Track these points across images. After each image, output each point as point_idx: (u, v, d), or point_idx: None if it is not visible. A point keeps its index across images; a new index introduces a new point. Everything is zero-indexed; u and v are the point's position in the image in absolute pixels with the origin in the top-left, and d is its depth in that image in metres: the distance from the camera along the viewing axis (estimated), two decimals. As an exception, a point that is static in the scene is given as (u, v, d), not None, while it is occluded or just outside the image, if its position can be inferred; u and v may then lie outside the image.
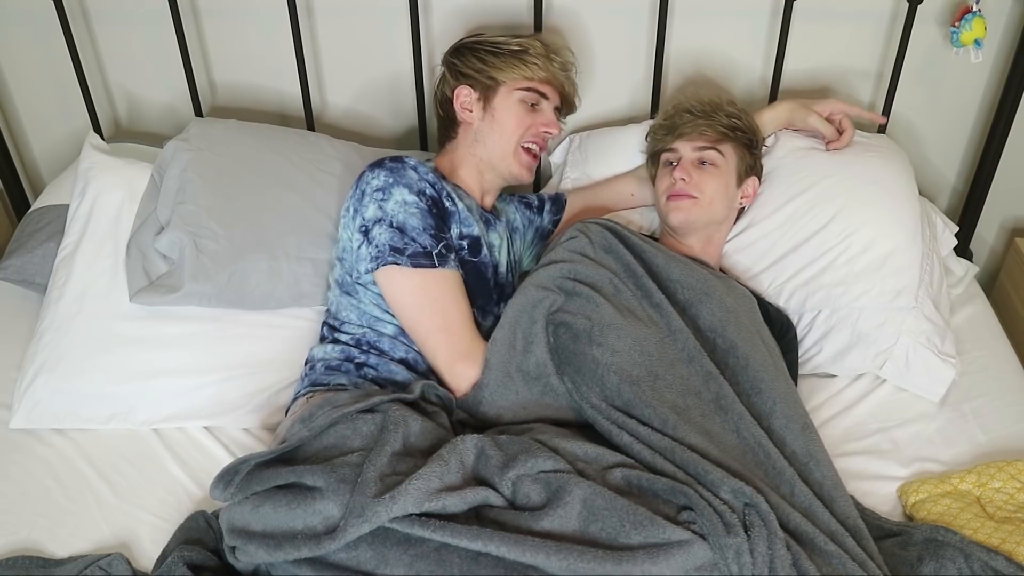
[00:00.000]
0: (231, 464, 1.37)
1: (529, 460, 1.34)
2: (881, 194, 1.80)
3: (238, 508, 1.33)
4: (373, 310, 1.60)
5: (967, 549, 1.36)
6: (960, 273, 2.00)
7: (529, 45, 1.73)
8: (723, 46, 2.03)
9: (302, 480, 1.30)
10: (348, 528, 1.23)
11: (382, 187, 1.57)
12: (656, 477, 1.35)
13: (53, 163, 2.20)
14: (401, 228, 1.54)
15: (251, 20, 2.00)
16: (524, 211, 1.88)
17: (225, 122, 1.90)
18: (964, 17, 1.86)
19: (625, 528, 1.25)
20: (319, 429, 1.39)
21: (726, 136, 1.73)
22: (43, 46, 2.03)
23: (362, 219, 1.57)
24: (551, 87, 1.74)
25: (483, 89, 1.71)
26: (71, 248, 1.77)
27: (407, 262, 1.53)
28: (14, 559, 1.42)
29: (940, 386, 1.72)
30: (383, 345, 1.59)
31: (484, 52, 1.72)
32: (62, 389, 1.65)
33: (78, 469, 1.59)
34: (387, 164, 1.60)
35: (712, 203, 1.71)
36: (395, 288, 1.56)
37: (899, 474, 1.59)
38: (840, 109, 1.85)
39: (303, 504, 1.28)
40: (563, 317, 1.55)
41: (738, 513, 1.31)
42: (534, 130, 1.72)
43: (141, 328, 1.68)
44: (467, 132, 1.74)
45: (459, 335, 1.55)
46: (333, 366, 1.58)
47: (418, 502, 1.25)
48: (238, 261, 1.69)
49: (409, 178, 1.58)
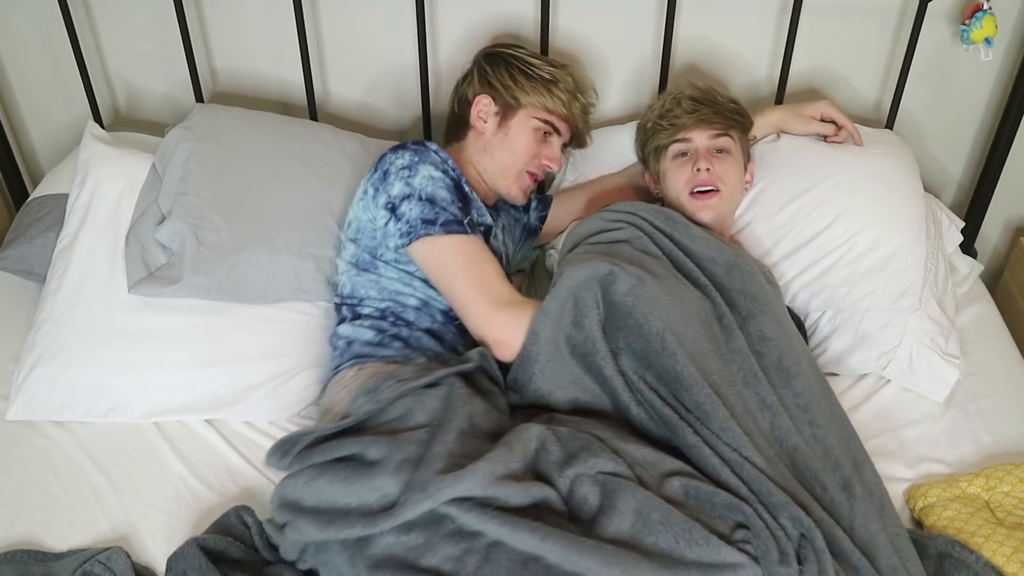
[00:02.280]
0: (291, 434, 1.37)
1: (589, 459, 1.32)
2: (886, 193, 1.79)
3: (291, 481, 1.32)
4: (395, 284, 1.61)
5: (982, 573, 1.34)
6: (965, 271, 1.99)
7: (561, 78, 1.75)
8: (730, 42, 2.01)
9: (365, 452, 1.29)
10: (408, 503, 1.22)
11: (408, 165, 1.58)
12: (715, 490, 1.31)
13: (52, 152, 2.18)
14: (431, 199, 1.56)
15: (253, 7, 1.98)
16: (510, 209, 1.89)
17: (229, 110, 1.88)
18: (975, 15, 1.85)
19: (680, 544, 1.22)
20: (386, 402, 1.39)
21: (734, 122, 1.73)
22: (42, 33, 2.01)
23: (388, 196, 1.58)
24: (567, 124, 1.77)
25: (504, 105, 1.73)
26: (70, 239, 1.76)
27: (440, 231, 1.54)
28: (13, 552, 1.41)
29: (944, 387, 1.72)
30: (408, 316, 1.60)
31: (516, 70, 1.74)
32: (59, 381, 1.64)
33: (77, 462, 1.58)
34: (410, 146, 1.62)
35: (734, 192, 1.72)
36: (431, 257, 1.56)
37: (905, 475, 1.58)
38: (829, 114, 1.83)
39: (361, 479, 1.26)
40: (616, 296, 1.48)
41: (793, 542, 1.27)
42: (539, 160, 1.74)
43: (139, 320, 1.67)
44: (477, 139, 1.76)
45: (496, 287, 1.55)
46: (374, 341, 1.59)
47: (483, 485, 1.23)
48: (239, 254, 1.68)
49: (433, 158, 1.61)
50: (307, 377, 1.69)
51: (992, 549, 1.37)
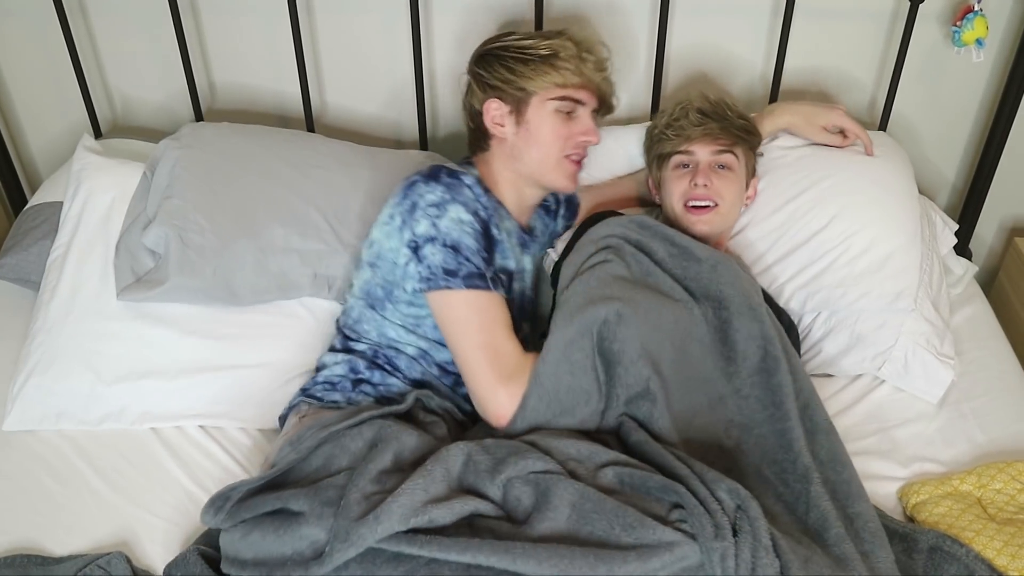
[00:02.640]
0: (222, 490, 1.35)
1: (519, 462, 1.33)
2: (882, 195, 1.79)
3: (228, 536, 1.33)
4: (397, 332, 1.56)
5: (972, 566, 1.35)
6: (959, 272, 2.00)
7: (559, 47, 1.60)
8: (724, 44, 2.02)
9: (288, 505, 1.30)
10: (334, 553, 1.22)
11: (437, 203, 1.50)
12: (648, 475, 1.33)
13: (50, 159, 2.19)
14: (455, 247, 1.48)
15: (250, 16, 1.99)
16: (544, 218, 1.82)
17: (218, 125, 1.89)
18: (966, 16, 1.85)
19: (615, 530, 1.24)
20: (307, 451, 1.38)
21: (739, 139, 1.71)
22: (41, 42, 2.02)
23: (412, 234, 1.50)
24: (586, 91, 1.62)
25: (514, 101, 1.61)
26: (63, 249, 1.77)
27: (461, 284, 1.47)
28: (12, 557, 1.42)
29: (938, 388, 1.72)
30: (400, 363, 1.56)
31: (511, 60, 1.61)
32: (54, 391, 1.65)
33: (76, 467, 1.58)
34: (443, 179, 1.52)
35: (731, 209, 1.70)
36: (446, 309, 1.49)
37: (899, 474, 1.58)
38: (843, 125, 1.81)
39: (289, 530, 1.27)
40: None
41: (730, 515, 1.28)
42: (573, 140, 1.62)
43: (131, 329, 1.68)
44: (501, 147, 1.64)
45: (505, 353, 1.48)
46: (332, 382, 1.57)
47: (404, 519, 1.23)
48: (223, 254, 1.68)
49: (465, 196, 1.52)
50: (299, 382, 1.69)
51: (983, 543, 1.38)
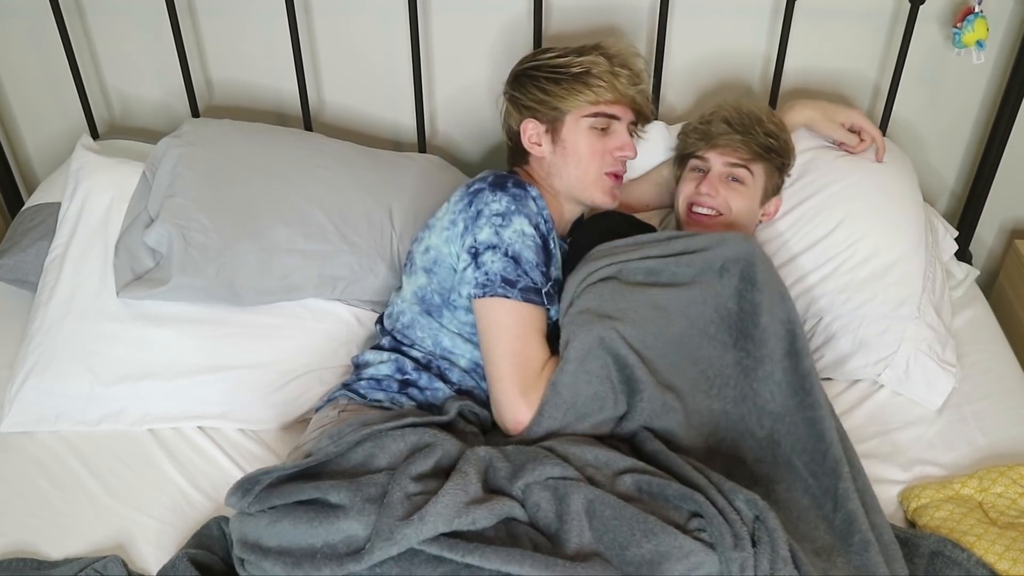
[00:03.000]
0: (252, 474, 1.34)
1: (536, 468, 1.32)
2: (886, 201, 1.79)
3: (251, 521, 1.31)
4: (452, 340, 1.56)
5: (974, 571, 1.34)
6: (960, 276, 2.00)
7: (591, 64, 1.61)
8: (724, 45, 2.02)
9: (326, 497, 1.28)
10: (375, 551, 1.21)
11: (503, 212, 1.50)
12: (667, 482, 1.33)
13: (48, 160, 2.19)
14: (516, 259, 1.49)
15: (248, 16, 1.98)
16: None
17: (219, 122, 1.89)
18: (966, 18, 1.85)
19: (636, 537, 1.24)
20: (347, 446, 1.36)
21: (759, 156, 1.69)
22: (38, 42, 2.02)
23: (474, 240, 1.50)
24: (620, 106, 1.63)
25: (549, 121, 1.63)
26: (61, 250, 1.76)
27: (518, 295, 1.48)
28: (8, 560, 1.41)
29: (939, 396, 1.72)
30: (452, 375, 1.56)
31: (544, 80, 1.62)
32: (52, 391, 1.64)
33: (72, 470, 1.58)
34: (511, 189, 1.52)
35: (737, 223, 1.68)
36: (494, 315, 1.49)
37: (899, 478, 1.58)
38: (860, 125, 1.82)
39: (326, 522, 1.25)
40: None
41: (748, 525, 1.29)
42: (610, 156, 1.63)
43: (131, 330, 1.67)
44: (540, 165, 1.66)
45: (534, 364, 1.48)
46: (378, 379, 1.56)
47: (448, 521, 1.23)
48: (226, 253, 1.68)
49: (530, 209, 1.52)
50: (300, 384, 1.69)
51: (984, 548, 1.38)
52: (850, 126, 1.83)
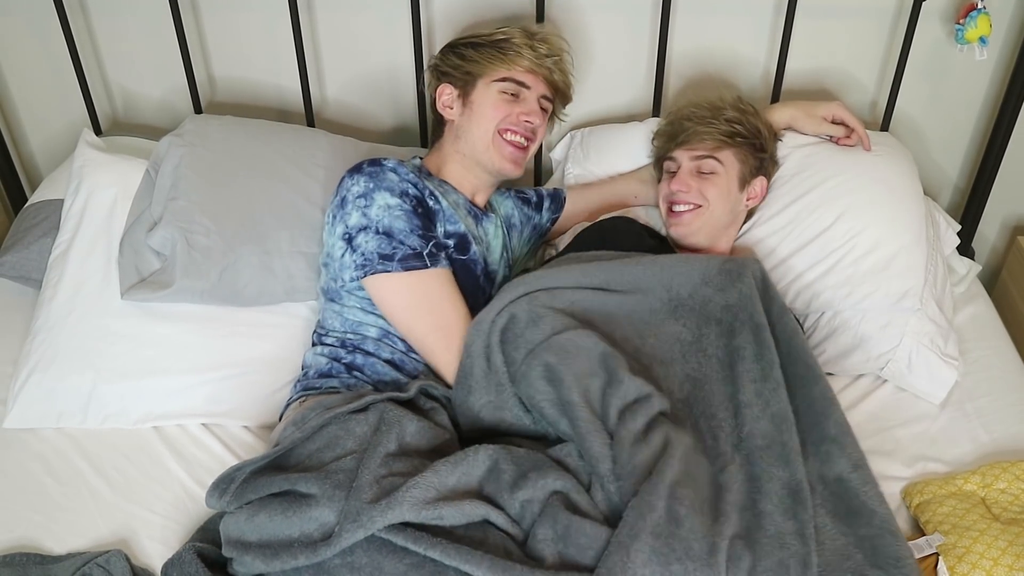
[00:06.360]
0: (225, 472, 1.36)
1: (539, 480, 1.31)
2: (886, 194, 1.79)
3: (233, 518, 1.32)
4: (356, 314, 1.58)
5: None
6: (963, 272, 2.00)
7: (511, 34, 1.68)
8: (726, 42, 2.02)
9: (296, 488, 1.29)
10: (343, 534, 1.22)
11: (363, 193, 1.54)
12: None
13: (50, 157, 2.19)
14: (388, 232, 1.52)
15: (250, 12, 1.98)
16: (522, 207, 1.87)
17: (220, 118, 1.89)
18: (969, 14, 1.85)
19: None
20: (311, 431, 1.38)
21: (724, 143, 1.72)
22: (41, 39, 2.02)
23: (345, 227, 1.55)
24: (533, 76, 1.68)
25: (462, 85, 1.68)
26: (64, 246, 1.76)
27: (397, 267, 1.51)
28: (12, 556, 1.42)
29: (942, 390, 1.72)
30: (367, 347, 1.57)
31: (464, 47, 1.69)
32: (55, 388, 1.64)
33: (75, 465, 1.58)
34: (365, 169, 1.56)
35: (714, 210, 1.71)
36: (386, 294, 1.54)
37: (902, 474, 1.58)
38: (840, 116, 1.83)
39: (299, 512, 1.27)
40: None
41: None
42: (513, 119, 1.65)
43: (134, 327, 1.67)
44: (450, 130, 1.71)
45: (457, 333, 1.52)
46: (324, 371, 1.57)
47: (414, 510, 1.23)
48: (230, 256, 1.68)
49: (389, 181, 1.56)
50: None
51: (987, 543, 1.38)
52: (832, 118, 1.84)
